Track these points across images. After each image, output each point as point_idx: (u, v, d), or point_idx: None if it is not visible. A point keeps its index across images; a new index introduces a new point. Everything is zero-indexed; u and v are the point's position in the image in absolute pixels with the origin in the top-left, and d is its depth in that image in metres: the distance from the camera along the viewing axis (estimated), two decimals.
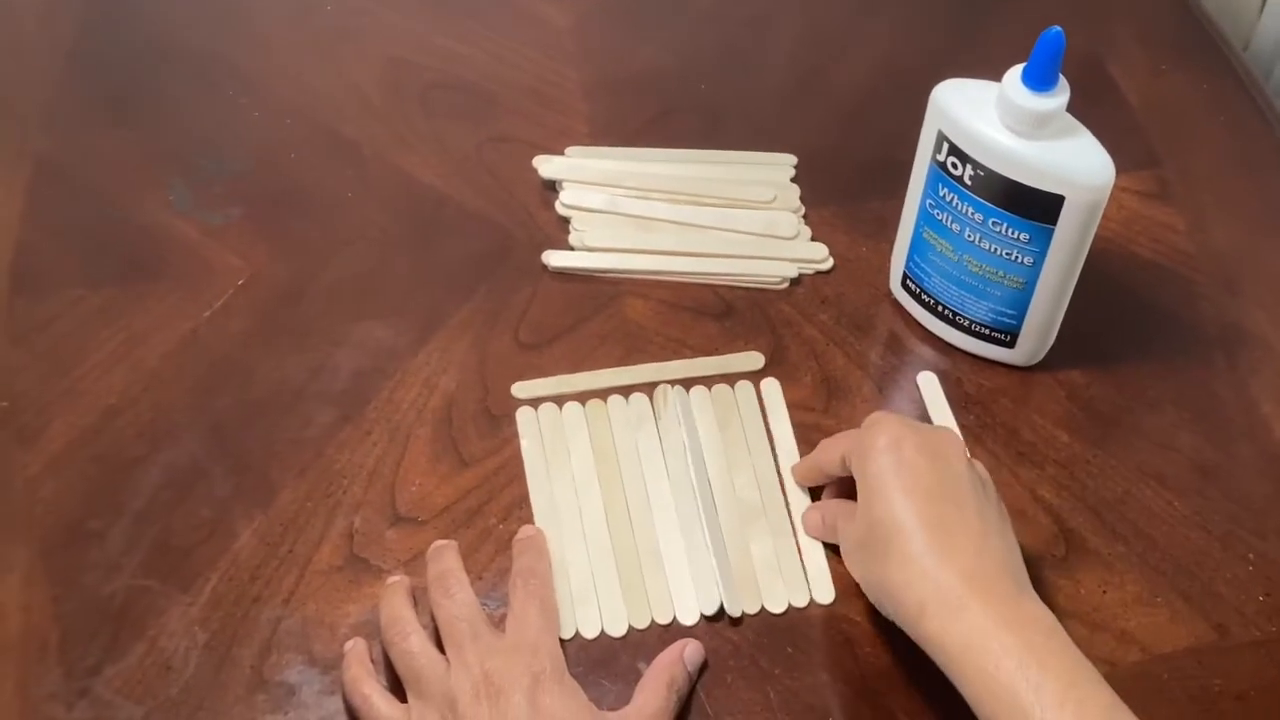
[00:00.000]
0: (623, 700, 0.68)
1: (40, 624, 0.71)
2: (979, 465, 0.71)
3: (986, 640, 0.62)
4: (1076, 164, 0.72)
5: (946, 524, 0.65)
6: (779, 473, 0.78)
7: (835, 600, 0.73)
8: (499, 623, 0.70)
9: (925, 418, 0.81)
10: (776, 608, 0.73)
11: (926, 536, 0.65)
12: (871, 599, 0.69)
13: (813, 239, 0.88)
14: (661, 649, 0.70)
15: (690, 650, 0.70)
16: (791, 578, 0.74)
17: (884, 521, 0.66)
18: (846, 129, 0.95)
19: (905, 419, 0.70)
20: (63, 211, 0.88)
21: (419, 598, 0.72)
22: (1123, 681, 0.70)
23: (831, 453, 0.73)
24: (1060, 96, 0.70)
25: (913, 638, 0.65)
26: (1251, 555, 0.76)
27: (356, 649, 0.70)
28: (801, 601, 0.73)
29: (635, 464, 0.78)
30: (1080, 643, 0.71)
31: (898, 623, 0.66)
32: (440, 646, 0.69)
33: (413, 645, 0.68)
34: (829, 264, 0.87)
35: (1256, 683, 0.71)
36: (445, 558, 0.72)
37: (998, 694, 0.61)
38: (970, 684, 0.62)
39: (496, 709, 0.64)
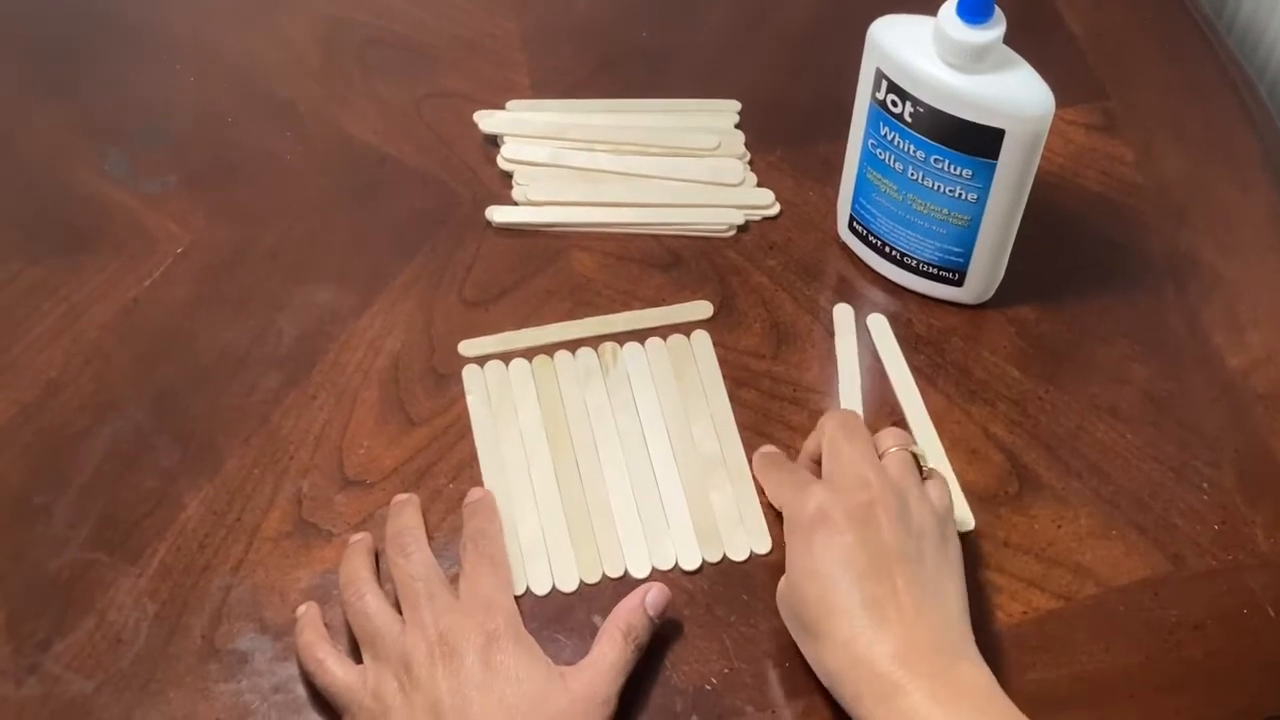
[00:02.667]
0: (579, 654, 0.68)
1: None
2: (934, 488, 0.69)
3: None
4: (1015, 96, 0.71)
5: (877, 603, 0.64)
6: (736, 420, 0.77)
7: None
8: (455, 583, 0.69)
9: (876, 360, 0.80)
10: (739, 555, 0.73)
11: (857, 619, 0.63)
12: (810, 663, 0.67)
13: (759, 184, 0.87)
14: (614, 602, 0.69)
15: (652, 595, 0.69)
16: (753, 525, 0.73)
17: (815, 604, 0.65)
18: (790, 72, 0.94)
19: (847, 442, 0.69)
20: None
21: (379, 556, 0.72)
22: (1079, 615, 0.71)
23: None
24: (996, 28, 0.70)
25: (841, 695, 0.64)
26: (1205, 485, 0.76)
27: (309, 614, 0.70)
28: (763, 548, 0.73)
29: (583, 419, 0.77)
30: (1036, 578, 0.72)
31: (837, 700, 0.65)
32: (399, 606, 0.68)
33: (369, 605, 0.68)
34: (776, 209, 0.86)
35: (1213, 612, 0.71)
36: (404, 514, 0.72)
37: None
38: None
39: (450, 669, 0.64)
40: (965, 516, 0.74)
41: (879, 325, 0.81)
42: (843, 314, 0.82)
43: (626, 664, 0.67)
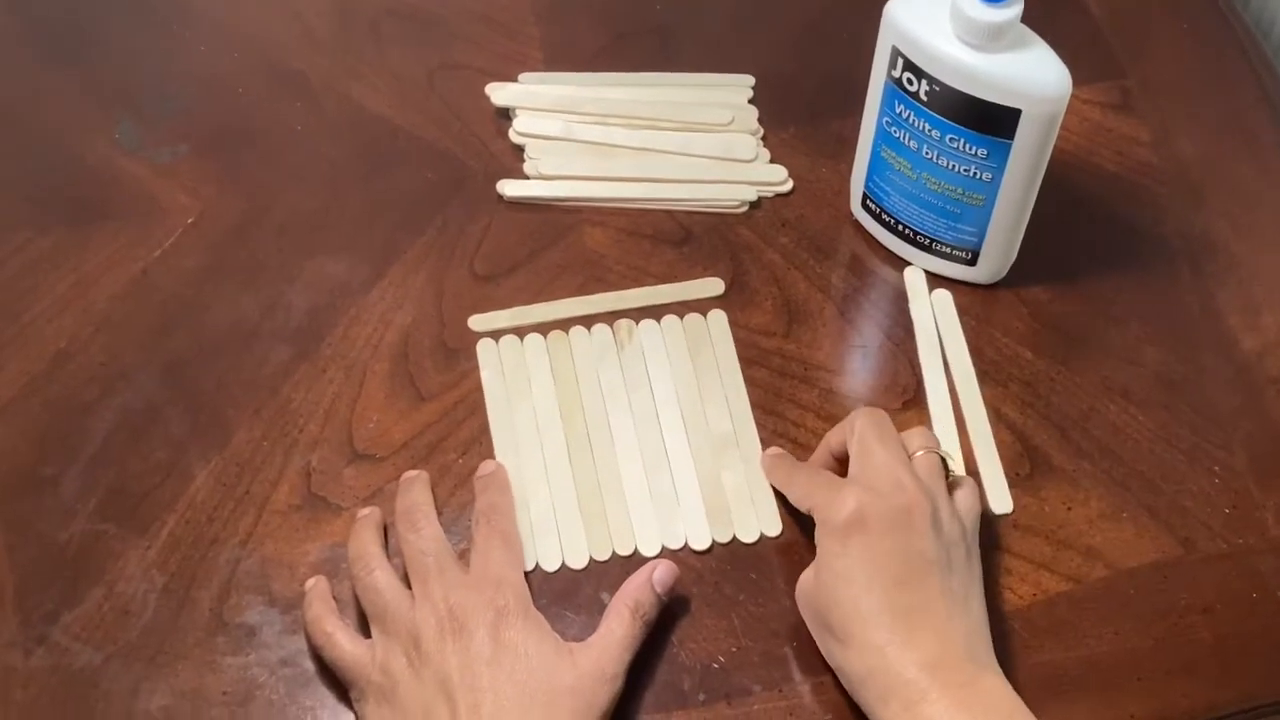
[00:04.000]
0: (587, 631, 0.68)
1: None
2: (963, 496, 0.69)
3: None
4: (1032, 76, 0.70)
5: (910, 611, 0.63)
6: (751, 402, 0.77)
7: (797, 527, 0.73)
8: (464, 558, 0.69)
9: (900, 315, 0.80)
10: (749, 537, 0.72)
11: (890, 626, 0.63)
12: (829, 662, 0.67)
13: (772, 161, 0.87)
14: (624, 580, 0.69)
15: (660, 572, 0.69)
16: (764, 507, 0.73)
17: (846, 608, 0.64)
18: (805, 48, 0.93)
19: (879, 444, 0.68)
20: (6, 152, 0.87)
21: (389, 531, 0.72)
22: (1088, 598, 0.71)
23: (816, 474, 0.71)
24: (1014, 7, 0.69)
25: (862, 698, 0.64)
26: (1217, 468, 0.75)
27: (318, 587, 0.70)
28: (774, 530, 0.73)
29: (597, 396, 0.77)
30: (1046, 560, 0.72)
31: (856, 701, 0.65)
32: (408, 581, 0.68)
33: (378, 580, 0.68)
34: (788, 186, 0.86)
35: (1222, 596, 0.71)
36: (414, 490, 0.72)
37: None
38: None
39: (459, 644, 0.64)
40: (1004, 499, 0.74)
41: (942, 300, 0.81)
42: (914, 277, 0.81)
43: (634, 640, 0.67)
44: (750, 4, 0.96)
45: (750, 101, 0.90)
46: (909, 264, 0.82)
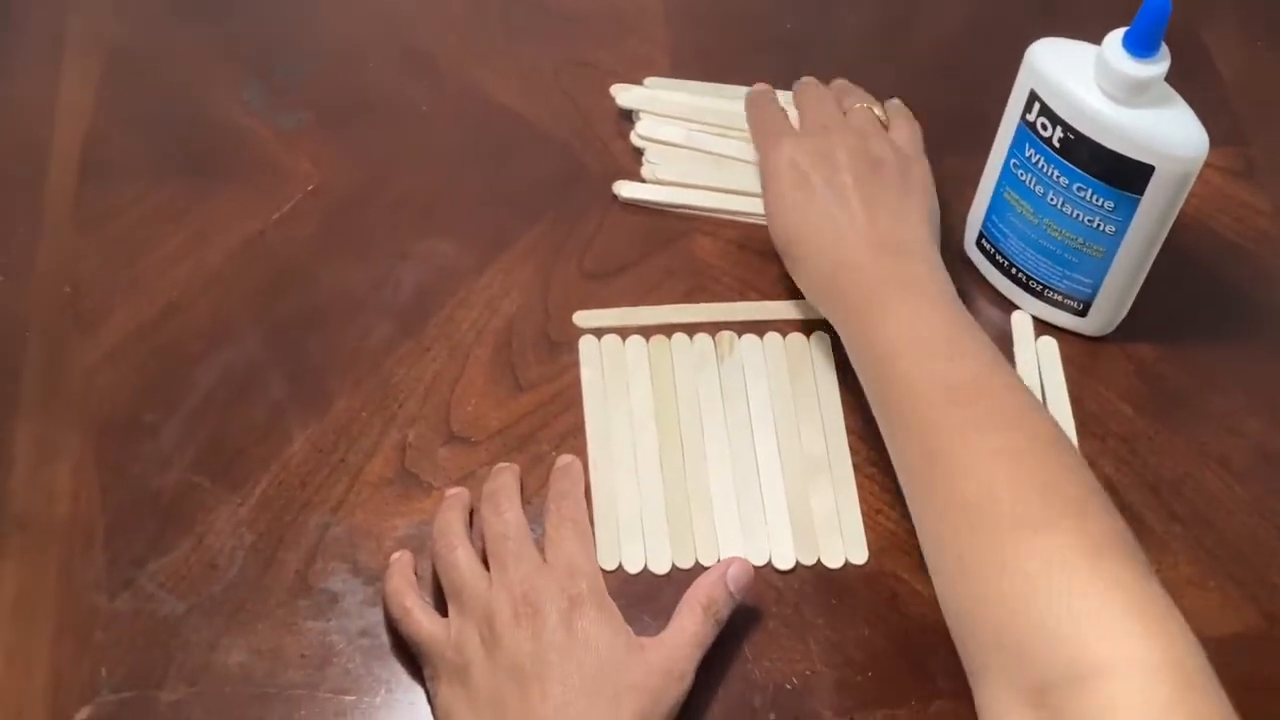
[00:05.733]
0: None
1: (88, 513, 0.72)
2: (899, 129, 0.82)
3: (868, 294, 0.72)
4: (1170, 134, 0.70)
5: (834, 219, 0.76)
6: (847, 428, 0.77)
7: (882, 557, 0.72)
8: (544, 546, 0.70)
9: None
10: (834, 562, 0.72)
11: (820, 237, 0.76)
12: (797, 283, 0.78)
13: None
14: None
15: (735, 569, 0.69)
16: (851, 534, 0.73)
17: (790, 231, 0.78)
18: (932, 80, 0.93)
19: (817, 99, 0.84)
20: (136, 102, 0.88)
21: (474, 514, 0.72)
22: None
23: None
24: (1161, 64, 0.68)
25: (819, 304, 0.77)
26: None
27: (401, 561, 0.70)
28: (860, 559, 0.72)
29: (694, 405, 0.77)
30: None
31: (812, 302, 0.77)
32: (489, 565, 0.68)
33: (459, 558, 0.68)
34: None
35: None
36: (503, 477, 0.72)
37: (866, 343, 0.72)
38: (850, 342, 0.74)
39: (533, 630, 0.64)
40: None
41: (1047, 347, 0.81)
42: (1021, 321, 0.81)
43: (705, 639, 0.67)
44: (880, 31, 0.96)
45: None
46: (1017, 308, 0.82)
